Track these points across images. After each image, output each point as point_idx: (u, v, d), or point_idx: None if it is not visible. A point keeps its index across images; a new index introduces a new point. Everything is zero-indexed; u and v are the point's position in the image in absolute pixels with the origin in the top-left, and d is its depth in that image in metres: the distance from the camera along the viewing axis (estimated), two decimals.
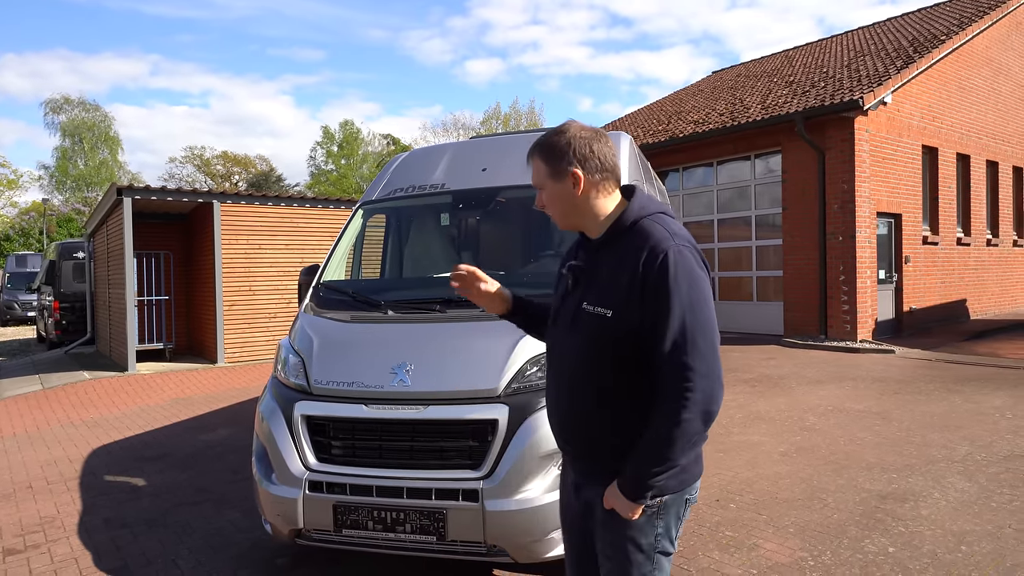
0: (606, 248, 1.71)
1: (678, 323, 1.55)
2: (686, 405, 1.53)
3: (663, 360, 1.57)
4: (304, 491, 2.90)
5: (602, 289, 1.66)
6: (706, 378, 1.55)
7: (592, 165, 1.70)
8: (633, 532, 1.66)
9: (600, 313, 1.64)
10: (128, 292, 10.09)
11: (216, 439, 6.20)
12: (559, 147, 1.71)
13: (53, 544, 3.87)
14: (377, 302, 3.50)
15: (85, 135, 39.54)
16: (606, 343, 1.64)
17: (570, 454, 1.82)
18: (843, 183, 10.70)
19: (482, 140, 4.77)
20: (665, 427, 1.55)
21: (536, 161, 1.77)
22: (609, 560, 1.71)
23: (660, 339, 1.56)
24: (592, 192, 1.72)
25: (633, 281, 1.60)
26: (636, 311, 1.59)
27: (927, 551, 3.31)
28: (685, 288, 1.57)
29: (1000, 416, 5.89)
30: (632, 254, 1.62)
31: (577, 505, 1.81)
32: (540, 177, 1.76)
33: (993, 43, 14.21)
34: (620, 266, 1.64)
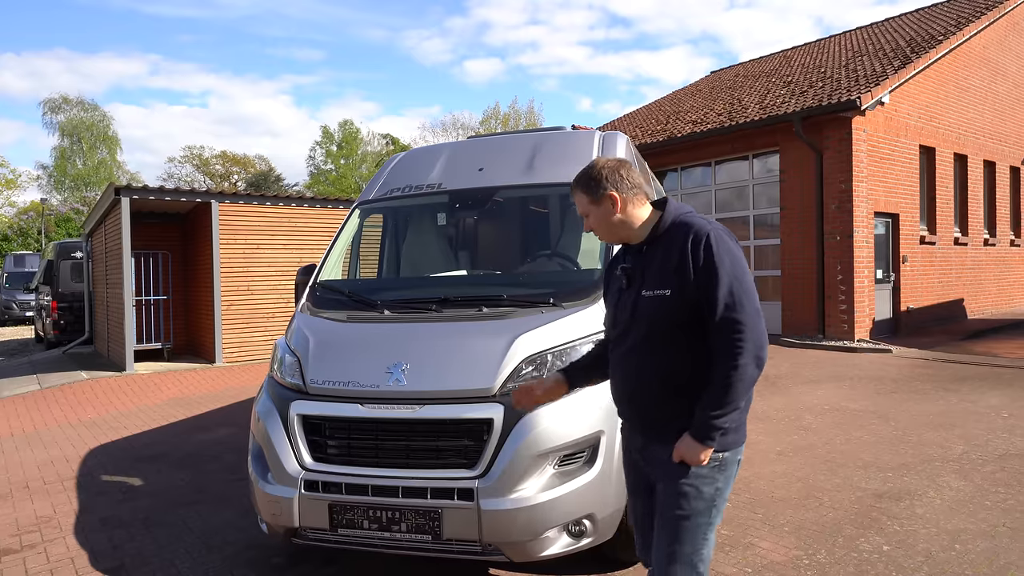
0: (652, 247, 2.03)
1: (726, 289, 1.87)
2: (741, 352, 1.84)
3: (717, 321, 1.87)
4: (300, 490, 2.91)
5: (657, 276, 1.96)
6: (754, 330, 1.86)
7: (624, 185, 2.04)
8: (696, 481, 1.91)
9: (660, 295, 1.94)
10: (126, 292, 10.08)
11: (214, 439, 6.21)
12: (594, 178, 2.06)
13: (49, 544, 3.87)
14: (373, 302, 3.50)
15: (83, 135, 39.49)
16: (667, 319, 1.94)
17: (639, 424, 2.08)
18: (841, 183, 10.71)
19: (479, 140, 4.77)
20: (726, 374, 1.84)
21: (578, 194, 2.11)
22: (667, 511, 1.93)
23: (713, 305, 1.87)
24: (628, 207, 2.05)
25: (683, 263, 1.91)
26: (691, 286, 1.90)
27: (921, 550, 3.32)
28: (728, 262, 1.89)
29: (996, 415, 5.91)
30: (678, 244, 1.94)
31: (644, 466, 2.07)
32: (584, 206, 2.11)
33: (990, 44, 14.23)
34: (669, 255, 1.95)
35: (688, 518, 1.90)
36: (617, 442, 2.90)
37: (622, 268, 2.10)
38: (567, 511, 2.76)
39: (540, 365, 2.93)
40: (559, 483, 2.77)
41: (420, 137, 46.37)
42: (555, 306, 3.18)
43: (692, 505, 1.90)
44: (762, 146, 12.06)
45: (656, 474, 2.01)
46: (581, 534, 2.83)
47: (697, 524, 1.91)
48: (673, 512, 1.91)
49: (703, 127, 12.84)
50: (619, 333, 2.09)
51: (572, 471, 2.82)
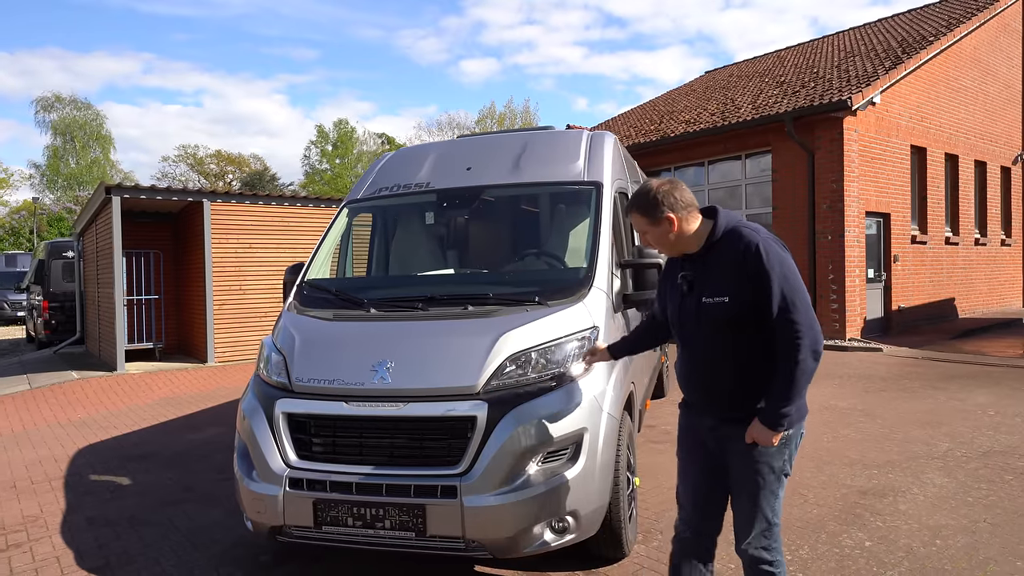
0: (708, 255, 2.25)
1: (779, 293, 2.09)
2: (800, 348, 2.07)
3: (775, 322, 2.10)
4: (284, 488, 2.91)
5: (716, 284, 2.19)
6: (809, 327, 2.09)
7: (679, 206, 2.24)
8: (768, 458, 2.19)
9: (720, 301, 2.17)
10: (117, 291, 10.06)
11: (204, 438, 6.20)
12: (651, 201, 2.25)
13: (35, 543, 3.86)
14: (360, 300, 3.51)
15: (76, 134, 39.35)
16: (728, 321, 2.17)
17: (712, 409, 2.31)
18: (832, 183, 10.77)
19: (467, 139, 4.78)
20: (789, 369, 2.09)
21: (635, 216, 2.30)
22: (746, 482, 2.22)
23: (769, 307, 2.09)
24: (684, 225, 2.25)
25: (739, 271, 2.13)
26: (747, 292, 2.12)
27: (903, 545, 3.34)
28: (778, 267, 2.11)
29: (983, 413, 5.95)
30: (731, 253, 2.17)
31: (714, 445, 2.31)
32: (642, 226, 2.30)
33: (981, 44, 14.32)
34: (724, 264, 2.18)
35: (763, 487, 2.20)
36: (600, 439, 2.93)
37: (682, 276, 2.32)
38: (550, 508, 2.77)
39: (524, 363, 2.94)
40: (542, 480, 2.78)
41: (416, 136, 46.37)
42: (540, 304, 3.19)
43: (766, 477, 2.20)
44: (755, 146, 12.10)
45: (728, 452, 2.27)
46: (564, 530, 2.84)
47: (771, 490, 2.21)
48: (751, 483, 2.21)
49: (696, 127, 12.88)
50: (687, 334, 2.33)
51: (555, 468, 2.83)
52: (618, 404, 3.14)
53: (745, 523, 2.25)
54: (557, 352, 2.99)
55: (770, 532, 2.23)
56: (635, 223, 2.32)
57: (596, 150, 4.06)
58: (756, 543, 2.23)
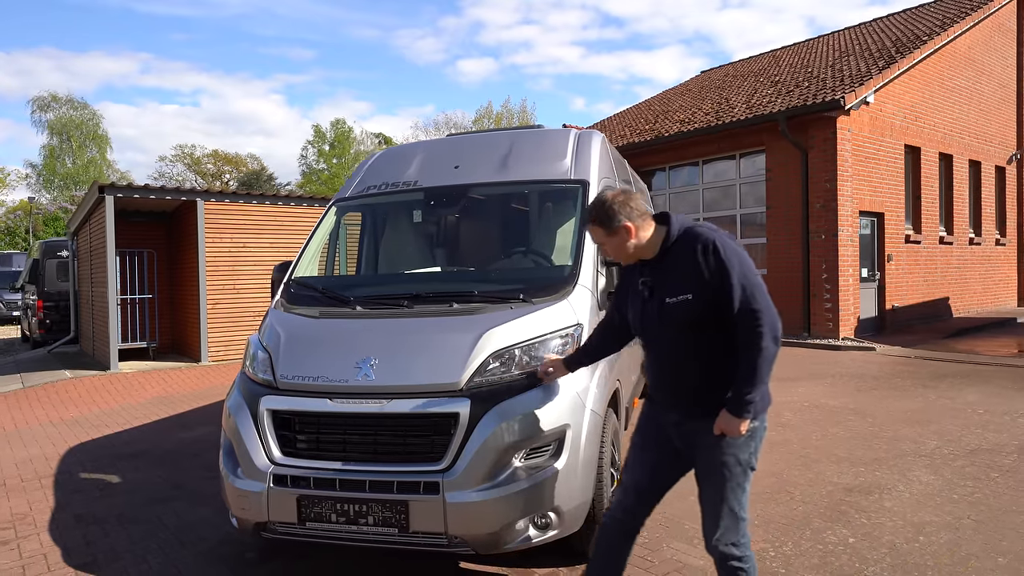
0: (665, 259, 2.32)
1: (739, 285, 2.17)
2: (762, 335, 2.15)
3: (737, 313, 2.17)
4: (269, 485, 2.92)
5: (676, 285, 2.26)
6: (768, 314, 2.17)
7: (634, 215, 2.32)
8: (735, 450, 2.25)
9: (683, 299, 2.24)
10: (110, 290, 10.05)
11: (195, 437, 6.20)
12: (607, 212, 2.32)
13: (23, 540, 3.87)
14: (346, 298, 3.51)
15: (73, 133, 39.27)
16: (692, 319, 2.24)
17: (676, 407, 2.38)
18: (826, 182, 10.79)
19: (456, 138, 4.79)
20: (752, 357, 2.16)
21: (593, 228, 2.38)
22: (713, 475, 2.28)
23: (731, 301, 2.17)
24: (640, 232, 2.33)
25: (697, 269, 2.21)
26: (708, 288, 2.20)
27: (886, 541, 3.36)
28: (736, 261, 2.20)
29: (972, 411, 5.97)
30: (690, 253, 2.24)
31: (678, 439, 2.39)
32: (600, 237, 2.38)
33: (976, 44, 14.35)
34: (683, 264, 2.25)
35: (730, 479, 2.26)
36: (583, 436, 2.94)
37: (642, 282, 2.38)
38: (533, 503, 2.78)
39: (508, 360, 2.95)
40: (525, 476, 2.79)
41: (413, 136, 46.32)
42: (525, 302, 3.20)
43: (732, 469, 2.26)
44: (749, 145, 12.12)
45: (695, 446, 2.34)
46: (547, 526, 2.85)
47: (737, 483, 2.27)
48: (718, 476, 2.27)
49: (690, 127, 12.90)
50: (651, 337, 2.40)
51: (538, 464, 2.84)
52: (602, 401, 3.15)
53: (713, 517, 2.29)
54: (541, 349, 3.00)
55: (738, 527, 2.28)
56: (593, 235, 2.40)
57: (583, 149, 4.07)
58: (725, 539, 2.27)
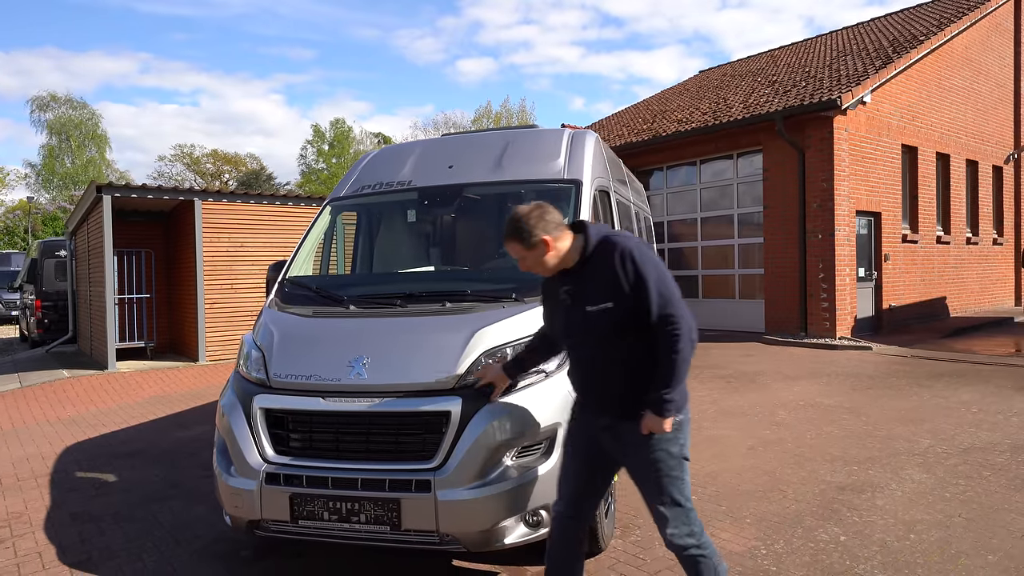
0: (584, 268, 2.39)
1: (656, 291, 2.27)
2: (679, 338, 2.25)
3: (656, 318, 2.27)
4: (261, 483, 2.93)
5: (597, 293, 2.33)
6: (684, 317, 2.27)
7: (551, 227, 2.37)
8: (665, 444, 2.35)
9: (604, 307, 2.32)
10: (108, 290, 10.06)
11: (192, 436, 6.21)
12: (524, 229, 2.36)
13: (18, 539, 3.88)
14: (339, 297, 3.53)
15: (72, 133, 39.24)
16: (613, 325, 2.32)
17: (606, 411, 2.45)
18: (822, 182, 10.80)
19: (450, 138, 4.80)
20: (671, 358, 2.26)
21: (511, 244, 2.41)
22: (649, 472, 2.37)
23: (649, 306, 2.27)
24: (558, 244, 2.39)
25: (616, 278, 2.29)
26: (627, 296, 2.29)
27: (877, 539, 3.38)
28: (652, 268, 2.30)
29: (966, 410, 5.99)
30: (607, 262, 2.32)
31: (609, 440, 2.46)
32: (518, 252, 2.41)
33: (973, 44, 14.36)
34: (602, 273, 2.33)
35: (665, 473, 2.35)
36: None
37: (564, 291, 2.44)
38: (524, 501, 2.80)
39: (500, 359, 2.96)
40: (516, 474, 2.80)
41: (412, 136, 46.31)
42: (517, 301, 3.21)
43: (667, 463, 2.35)
44: (746, 145, 12.14)
45: (627, 446, 2.41)
46: (538, 524, 2.86)
47: (675, 476, 2.37)
48: (654, 472, 2.36)
49: (688, 126, 12.91)
50: (575, 343, 2.47)
51: (529, 462, 2.86)
52: None
53: (660, 512, 2.38)
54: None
55: (687, 517, 2.36)
56: (511, 251, 2.43)
57: (577, 149, 4.08)
58: (678, 531, 2.35)
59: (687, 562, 2.38)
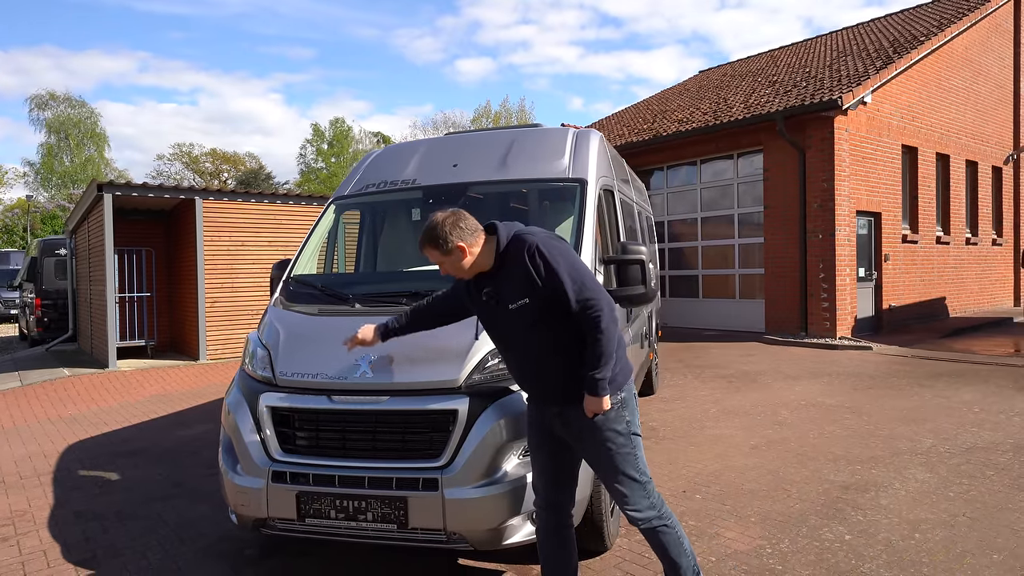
0: (501, 269, 2.45)
1: (570, 279, 2.35)
2: (601, 318, 2.33)
3: (575, 305, 2.34)
4: (268, 481, 2.93)
5: (514, 291, 2.40)
6: (602, 299, 2.36)
7: (465, 233, 2.43)
8: (610, 424, 2.43)
9: (522, 304, 2.40)
10: (109, 288, 10.04)
11: (194, 435, 6.21)
12: (440, 236, 2.42)
13: (23, 537, 3.87)
14: (344, 295, 3.53)
15: (71, 132, 39.16)
16: (536, 319, 2.40)
17: (551, 397, 2.51)
18: (823, 182, 10.81)
19: (454, 136, 4.80)
20: (596, 339, 2.34)
21: (429, 251, 2.46)
22: (601, 452, 2.44)
23: (566, 295, 2.34)
24: (474, 248, 2.45)
25: (527, 274, 2.36)
26: (542, 289, 2.35)
27: (882, 539, 3.38)
28: (560, 259, 2.37)
29: (968, 410, 6.00)
30: (518, 260, 2.39)
31: (561, 428, 2.53)
32: (436, 258, 2.47)
33: (973, 44, 14.39)
34: (515, 272, 2.40)
35: (618, 452, 2.44)
36: None
37: (486, 293, 2.50)
38: (531, 500, 2.80)
39: None
40: (523, 473, 2.80)
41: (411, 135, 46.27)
42: None
43: (616, 441, 2.44)
44: (746, 145, 12.15)
45: (577, 430, 2.47)
46: None
47: (627, 453, 2.45)
48: (605, 451, 2.44)
49: (688, 126, 12.91)
50: (504, 336, 2.55)
51: None
52: None
53: (617, 490, 2.46)
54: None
55: (645, 491, 2.45)
56: (429, 256, 2.48)
57: (581, 148, 4.08)
58: (638, 505, 2.44)
59: (651, 535, 2.46)
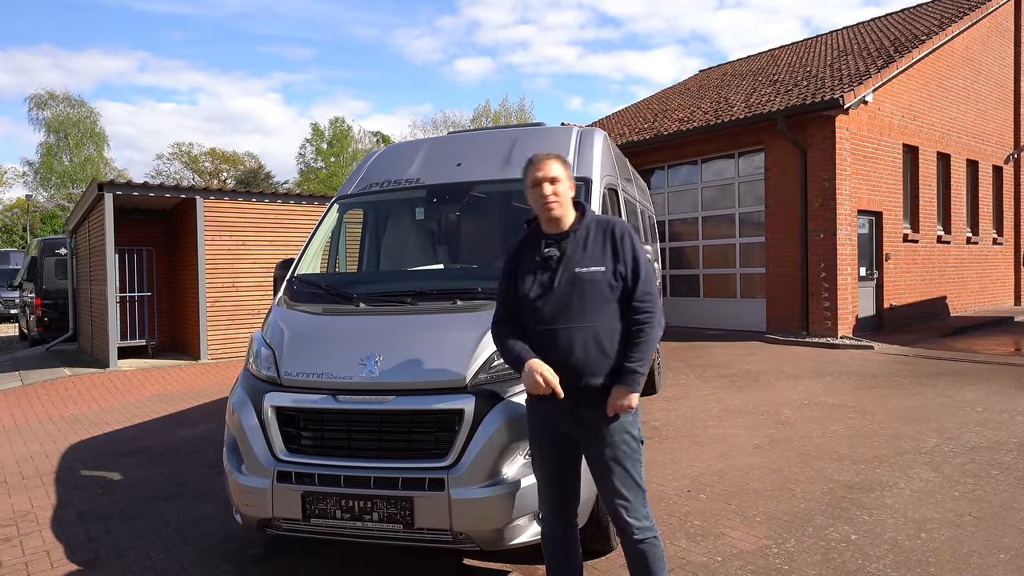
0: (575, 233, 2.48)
1: (644, 272, 2.45)
2: (654, 313, 2.42)
3: (638, 294, 2.41)
4: (273, 481, 2.92)
5: (587, 257, 2.43)
6: (658, 299, 2.47)
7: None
8: (628, 427, 2.43)
9: (594, 271, 2.42)
10: (109, 288, 10.03)
11: (195, 434, 6.20)
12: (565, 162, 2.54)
13: (26, 537, 3.86)
14: (349, 295, 3.52)
15: (70, 131, 39.10)
16: (601, 291, 2.41)
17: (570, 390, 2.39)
18: (824, 181, 10.81)
19: (458, 136, 4.79)
20: (645, 331, 2.39)
21: (555, 164, 2.50)
22: (615, 455, 2.41)
23: (636, 282, 2.43)
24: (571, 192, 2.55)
25: (614, 248, 2.44)
26: (619, 266, 2.43)
27: (888, 538, 3.38)
28: (642, 252, 2.49)
29: (971, 409, 6.00)
30: (603, 231, 2.47)
31: (573, 428, 2.46)
32: (559, 172, 2.48)
33: (973, 44, 14.38)
34: (596, 241, 2.45)
35: (630, 455, 2.43)
36: None
37: (548, 252, 2.47)
38: (537, 500, 2.78)
39: None
40: (529, 472, 2.79)
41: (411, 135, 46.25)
42: None
43: (631, 445, 2.44)
44: (747, 144, 12.14)
45: (590, 428, 2.43)
46: None
47: (637, 457, 2.46)
48: (620, 454, 2.42)
49: (689, 125, 12.90)
50: (552, 314, 2.43)
51: None
52: None
53: (622, 497, 2.42)
54: None
55: (644, 500, 2.46)
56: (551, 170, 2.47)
57: (586, 146, 4.07)
58: (638, 514, 2.41)
59: (645, 548, 2.39)
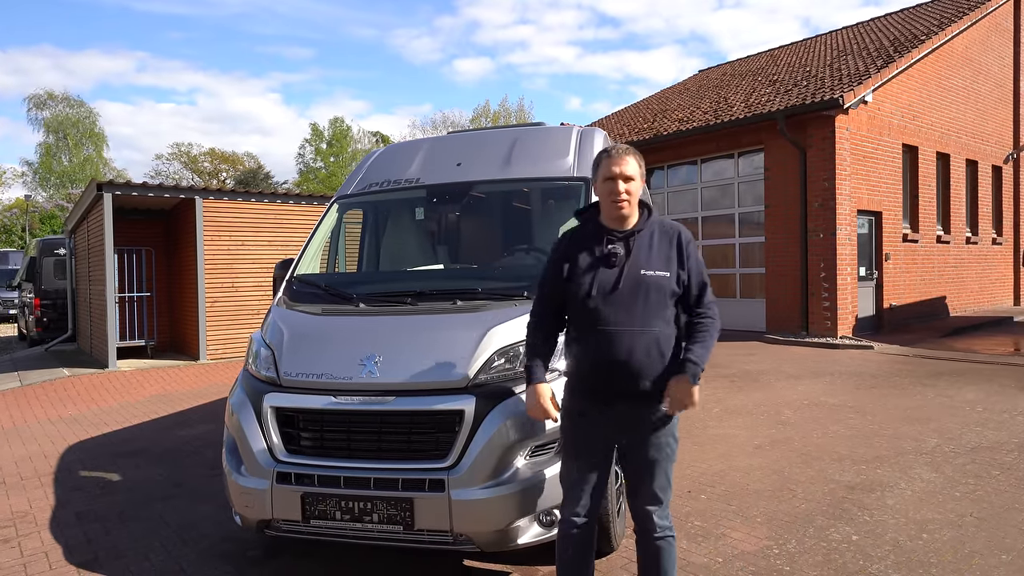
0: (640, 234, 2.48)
1: (706, 277, 2.52)
2: (716, 317, 2.49)
3: (704, 299, 2.47)
4: (272, 482, 2.91)
5: (655, 260, 2.43)
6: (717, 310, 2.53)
7: None
8: (673, 428, 2.48)
9: (661, 275, 2.41)
10: (108, 288, 10.01)
11: (194, 435, 6.18)
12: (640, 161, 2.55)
13: (24, 538, 3.85)
14: (349, 295, 3.50)
15: (69, 131, 39.06)
16: (664, 296, 2.40)
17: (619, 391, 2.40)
18: (824, 181, 10.80)
19: (458, 135, 4.78)
20: (711, 333, 2.44)
21: (633, 161, 2.51)
22: (659, 456, 2.44)
23: (702, 287, 2.48)
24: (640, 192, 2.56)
25: (679, 253, 2.46)
26: (682, 272, 2.45)
27: (889, 539, 3.37)
28: (701, 258, 2.55)
29: (971, 409, 5.99)
30: (668, 236, 2.49)
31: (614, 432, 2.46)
32: (634, 170, 2.50)
33: (973, 43, 14.38)
34: (661, 244, 2.46)
35: (670, 457, 2.48)
36: None
37: (611, 249, 2.45)
38: (538, 501, 2.78)
39: (512, 357, 2.94)
40: (530, 473, 2.78)
41: (410, 135, 46.23)
42: (529, 299, 3.17)
43: (673, 447, 2.48)
44: (747, 144, 12.13)
45: (644, 430, 2.43)
46: (552, 524, 2.84)
47: (673, 459, 2.50)
48: (663, 456, 2.45)
49: (689, 125, 12.90)
50: (615, 311, 2.39)
51: (543, 462, 2.83)
52: None
53: (659, 497, 2.47)
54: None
55: (669, 501, 2.52)
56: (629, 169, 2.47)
57: (586, 146, 4.06)
58: (664, 512, 2.48)
59: (664, 546, 2.45)
